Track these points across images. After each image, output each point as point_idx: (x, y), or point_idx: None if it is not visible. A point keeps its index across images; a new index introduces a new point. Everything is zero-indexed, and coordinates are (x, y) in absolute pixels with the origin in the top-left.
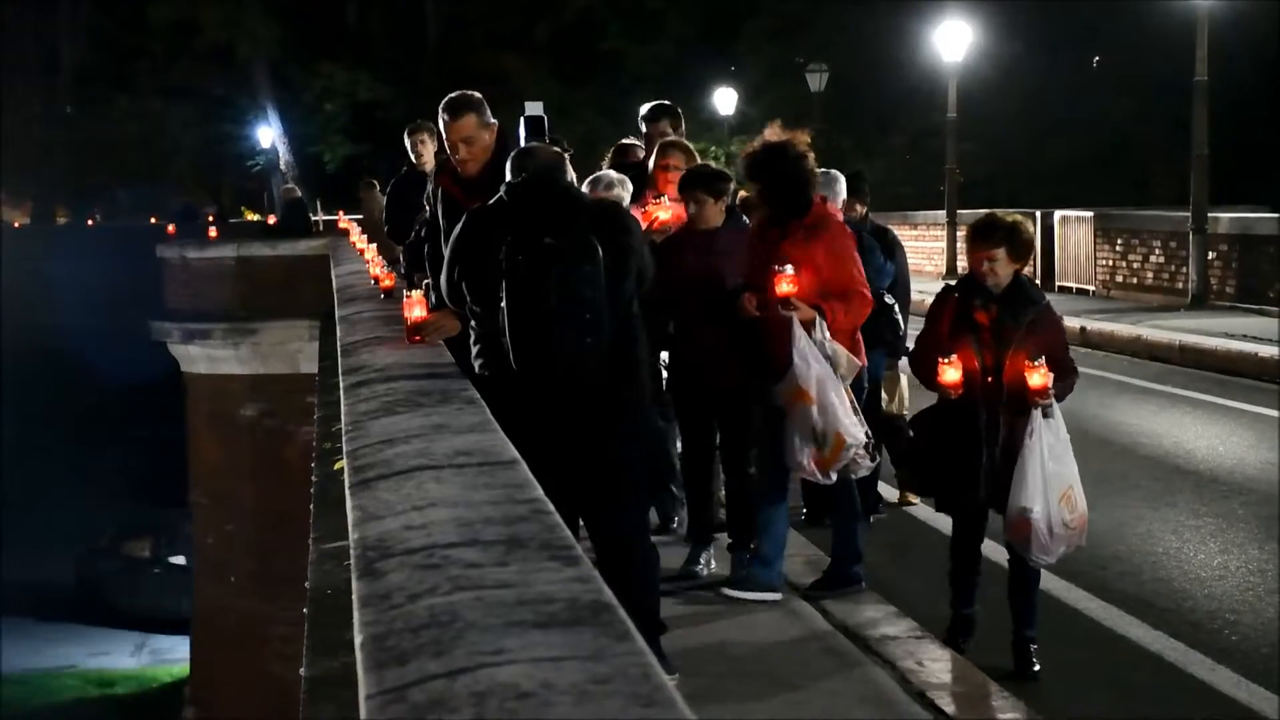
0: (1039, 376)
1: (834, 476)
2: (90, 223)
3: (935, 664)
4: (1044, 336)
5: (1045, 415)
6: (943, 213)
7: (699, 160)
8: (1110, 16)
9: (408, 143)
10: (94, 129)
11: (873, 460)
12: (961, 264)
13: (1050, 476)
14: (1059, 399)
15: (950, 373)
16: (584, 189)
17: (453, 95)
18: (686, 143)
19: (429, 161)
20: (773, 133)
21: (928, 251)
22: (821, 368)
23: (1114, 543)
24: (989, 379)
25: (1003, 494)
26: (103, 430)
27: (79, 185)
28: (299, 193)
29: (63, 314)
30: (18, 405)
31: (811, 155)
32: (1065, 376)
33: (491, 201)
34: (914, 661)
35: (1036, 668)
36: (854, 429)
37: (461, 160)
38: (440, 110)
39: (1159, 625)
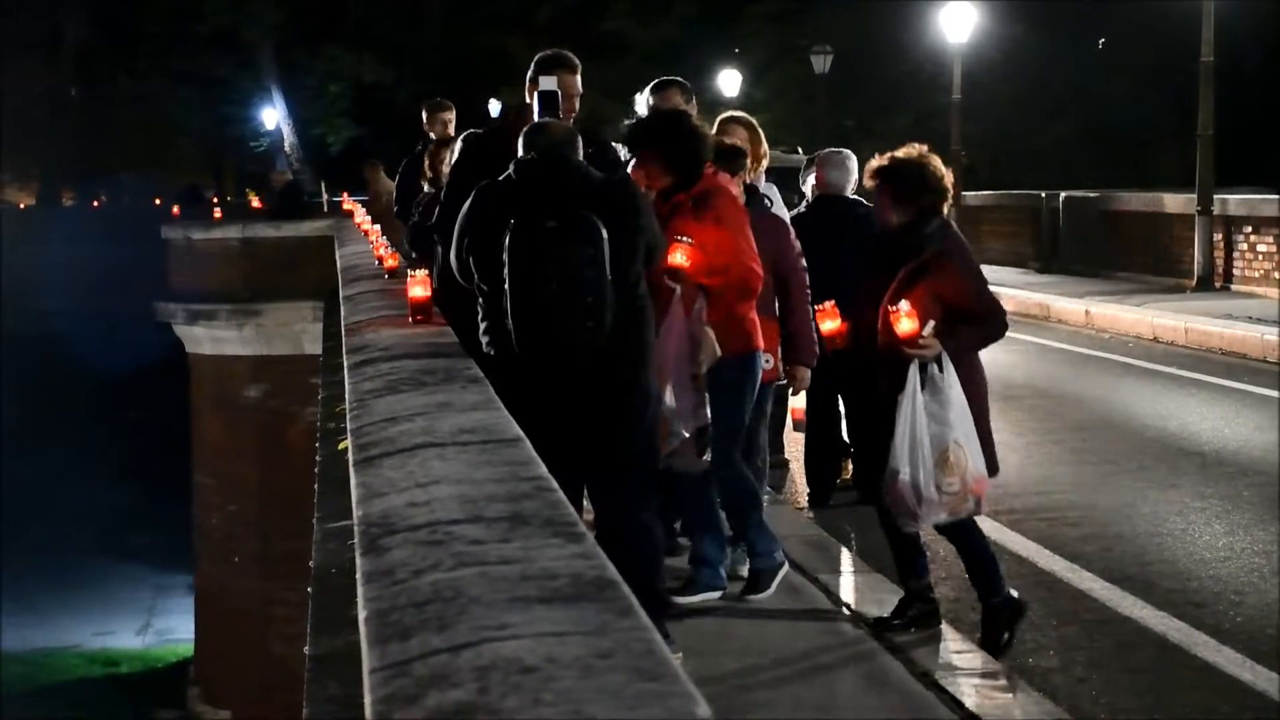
0: (906, 322)
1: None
2: (95, 204)
3: (939, 645)
4: (937, 282)
5: (940, 368)
6: None
7: (762, 137)
8: None
9: (427, 119)
10: (98, 111)
11: (699, 457)
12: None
13: (922, 436)
14: (968, 348)
15: (825, 323)
16: None
17: (555, 52)
18: (748, 116)
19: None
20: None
21: None
22: (680, 350)
23: (1119, 524)
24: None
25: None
26: (104, 413)
27: (85, 167)
28: (290, 176)
29: (65, 296)
30: (18, 387)
31: (705, 129)
32: (970, 324)
33: (501, 178)
34: (918, 642)
35: (1007, 637)
36: (682, 421)
37: (566, 113)
38: (549, 64)
39: (1163, 606)
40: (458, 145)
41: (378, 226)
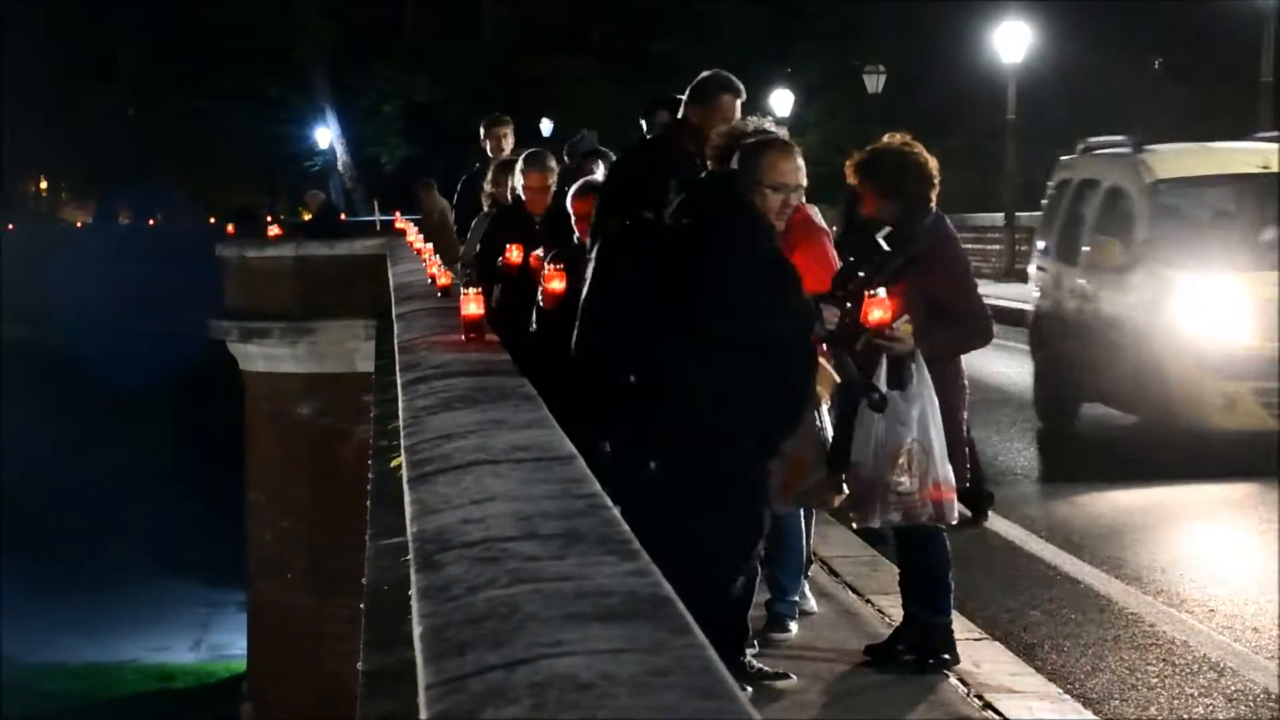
0: (877, 311)
1: (790, 505)
2: (151, 223)
3: (994, 665)
4: (924, 279)
5: (913, 367)
6: (1001, 215)
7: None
8: (1173, 17)
9: (485, 135)
10: (153, 130)
11: (840, 492)
12: (1019, 266)
13: (881, 432)
14: (946, 351)
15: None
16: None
17: (715, 73)
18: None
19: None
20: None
21: (985, 254)
22: None
23: (1178, 547)
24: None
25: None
26: (155, 429)
27: (140, 186)
28: (323, 196)
29: (114, 311)
30: (68, 402)
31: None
32: (948, 325)
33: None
34: (971, 663)
35: (902, 651)
36: (816, 453)
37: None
38: (713, 88)
39: (1223, 630)
40: (519, 166)
41: (430, 245)
